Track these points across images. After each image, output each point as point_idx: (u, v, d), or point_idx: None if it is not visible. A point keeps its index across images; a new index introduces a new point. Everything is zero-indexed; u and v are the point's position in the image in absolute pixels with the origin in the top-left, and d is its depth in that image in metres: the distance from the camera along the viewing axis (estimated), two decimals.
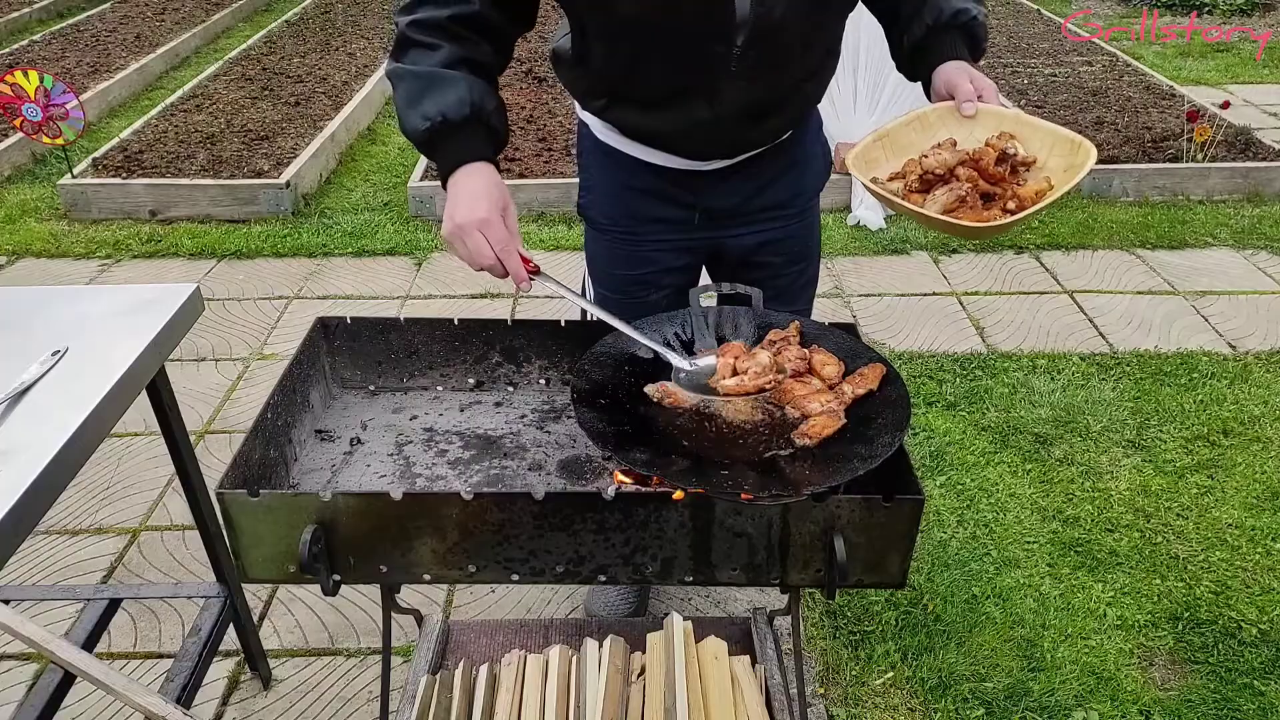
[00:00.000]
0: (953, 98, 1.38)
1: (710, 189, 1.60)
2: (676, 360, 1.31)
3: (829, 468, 1.14)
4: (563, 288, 1.30)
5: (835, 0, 1.40)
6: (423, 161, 4.45)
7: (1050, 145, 1.34)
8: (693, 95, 1.42)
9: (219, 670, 2.09)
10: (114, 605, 1.85)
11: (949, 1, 1.41)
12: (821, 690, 2.05)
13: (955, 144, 1.35)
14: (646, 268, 1.68)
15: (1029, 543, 2.42)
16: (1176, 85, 5.40)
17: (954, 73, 1.38)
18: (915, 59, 1.46)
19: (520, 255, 1.28)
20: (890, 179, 1.37)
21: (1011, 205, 1.27)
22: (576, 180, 1.73)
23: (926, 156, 1.32)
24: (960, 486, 2.60)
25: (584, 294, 1.88)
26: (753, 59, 1.35)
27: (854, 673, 2.08)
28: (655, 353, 1.33)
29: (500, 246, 1.26)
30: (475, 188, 1.28)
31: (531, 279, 1.29)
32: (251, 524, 1.18)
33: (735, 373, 1.29)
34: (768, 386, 1.27)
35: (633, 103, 1.49)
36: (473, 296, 3.62)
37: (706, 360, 1.32)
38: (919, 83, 1.48)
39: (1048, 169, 1.33)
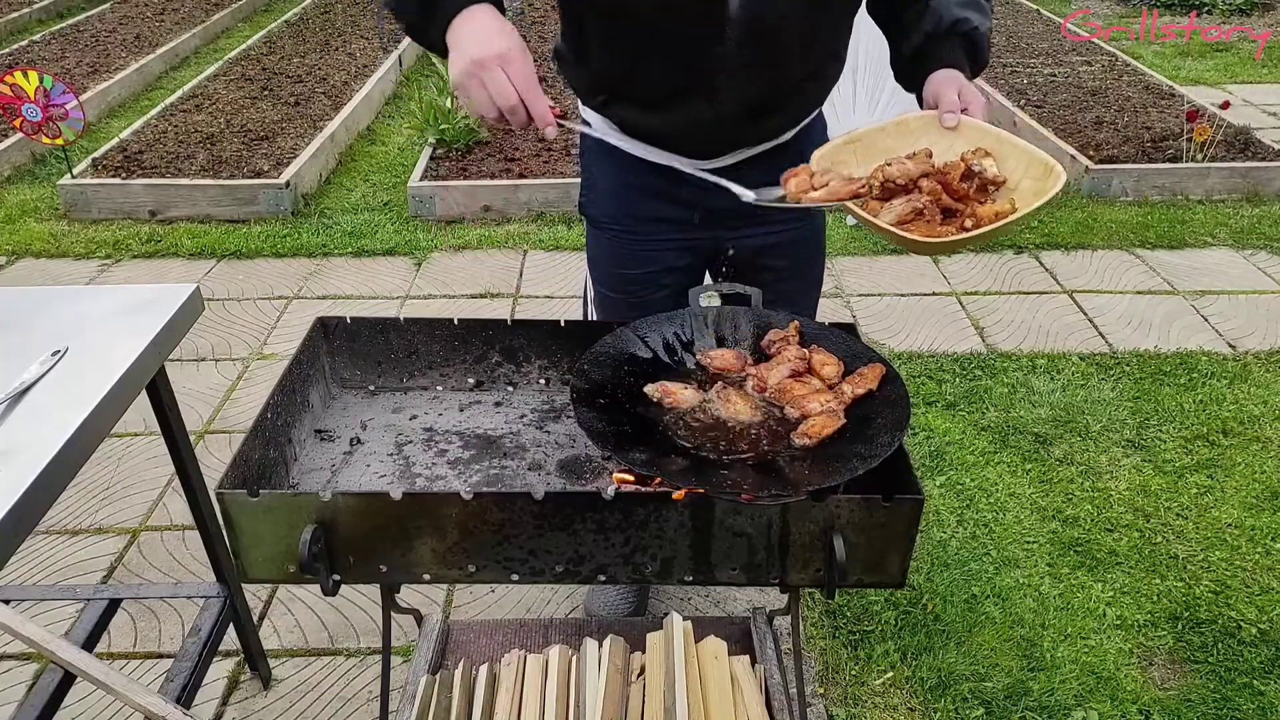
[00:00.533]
0: (938, 107, 1.36)
1: (711, 188, 1.59)
2: (738, 189, 1.30)
3: (829, 468, 1.14)
4: (582, 127, 1.24)
5: (834, 1, 1.39)
6: (423, 161, 4.44)
7: (1025, 166, 1.29)
8: (692, 94, 1.42)
9: (219, 670, 2.09)
10: (114, 605, 1.85)
11: (950, 11, 1.39)
12: (821, 690, 2.05)
13: (931, 155, 1.31)
14: (648, 267, 1.68)
15: (1029, 542, 2.42)
16: (1176, 85, 5.41)
17: (943, 82, 1.37)
18: (914, 65, 1.44)
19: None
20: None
21: (969, 223, 1.24)
22: (577, 180, 1.74)
23: (890, 165, 1.29)
24: (960, 486, 2.60)
25: (585, 295, 1.88)
26: (749, 57, 1.35)
27: (853, 672, 2.08)
28: (714, 185, 1.31)
29: (523, 83, 1.13)
30: (486, 24, 1.16)
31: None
32: (251, 524, 1.18)
33: (814, 188, 1.27)
34: (861, 192, 1.24)
35: (633, 101, 1.49)
36: (472, 296, 3.62)
37: (772, 190, 1.32)
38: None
39: (1019, 190, 1.28)
